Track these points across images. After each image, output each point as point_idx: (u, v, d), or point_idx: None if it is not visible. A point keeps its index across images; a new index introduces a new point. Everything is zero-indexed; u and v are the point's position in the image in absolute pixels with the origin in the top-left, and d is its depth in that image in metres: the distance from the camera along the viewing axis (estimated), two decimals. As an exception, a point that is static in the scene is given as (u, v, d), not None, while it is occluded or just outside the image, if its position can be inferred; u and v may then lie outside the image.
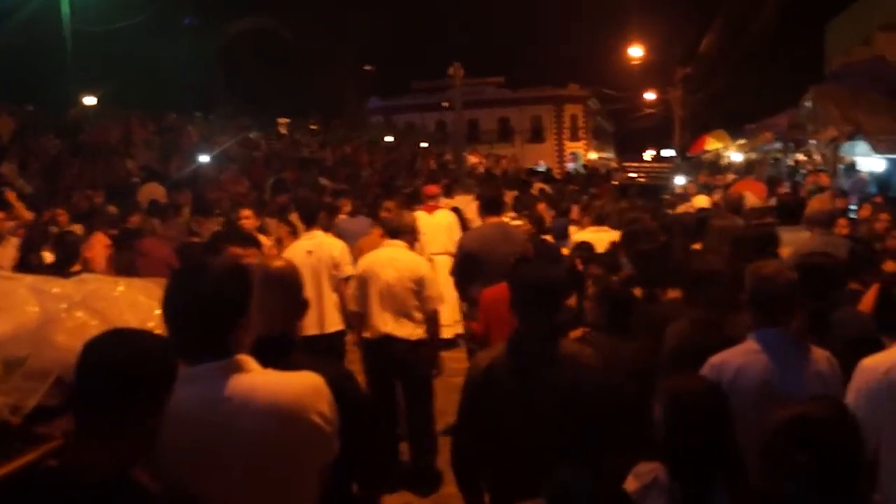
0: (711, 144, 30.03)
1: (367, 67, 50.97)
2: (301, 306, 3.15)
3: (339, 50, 44.46)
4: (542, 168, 44.12)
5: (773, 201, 12.44)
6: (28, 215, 10.50)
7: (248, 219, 8.91)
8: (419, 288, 6.62)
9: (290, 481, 2.47)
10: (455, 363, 7.61)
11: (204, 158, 19.45)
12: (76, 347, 2.22)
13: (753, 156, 25.36)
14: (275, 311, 2.86)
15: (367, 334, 6.71)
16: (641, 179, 19.81)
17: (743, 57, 33.12)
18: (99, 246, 8.90)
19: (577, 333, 5.24)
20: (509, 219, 9.22)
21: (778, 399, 3.19)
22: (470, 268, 7.28)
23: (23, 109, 18.17)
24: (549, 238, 10.30)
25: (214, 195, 14.74)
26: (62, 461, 2.26)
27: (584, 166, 45.09)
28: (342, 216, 11.24)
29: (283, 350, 2.84)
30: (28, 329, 2.78)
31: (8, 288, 3.00)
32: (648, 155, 61.45)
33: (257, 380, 2.45)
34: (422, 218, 8.90)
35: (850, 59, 16.29)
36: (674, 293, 5.22)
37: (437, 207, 11.29)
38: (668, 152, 54.74)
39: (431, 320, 6.73)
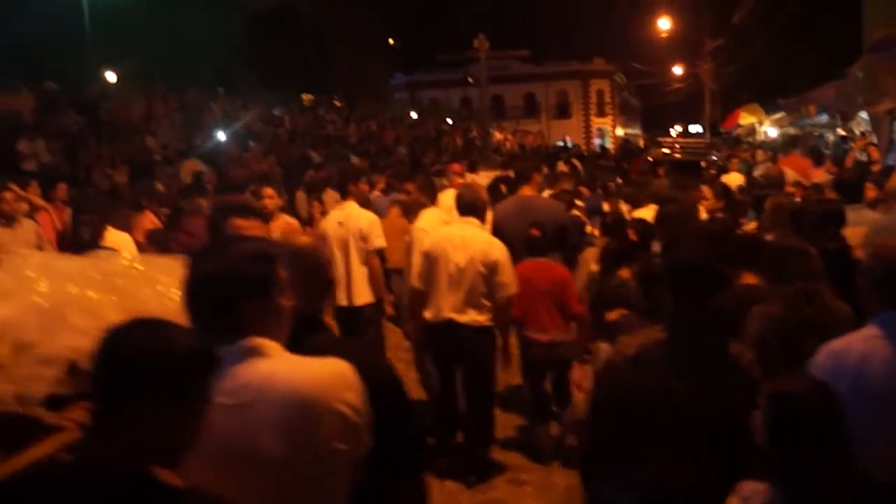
0: (745, 119, 29.24)
1: (391, 42, 50.55)
2: (325, 286, 3.04)
3: (363, 24, 43.94)
4: (568, 144, 43.65)
5: (819, 177, 11.97)
6: (41, 202, 10.15)
7: (271, 198, 8.42)
8: (491, 273, 6.16)
9: (317, 475, 2.27)
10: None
11: (226, 135, 19.16)
12: (90, 330, 2.16)
13: (791, 130, 24.63)
14: (297, 291, 2.62)
15: (428, 315, 6.28)
16: (677, 155, 19.21)
17: (777, 29, 32.26)
18: (150, 226, 8.63)
19: (612, 315, 4.93)
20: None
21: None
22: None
23: (43, 86, 17.81)
24: (580, 214, 9.97)
25: (239, 173, 14.40)
26: (77, 455, 2.11)
27: (625, 140, 44.47)
28: (375, 193, 10.90)
29: (307, 331, 2.63)
30: (38, 310, 2.60)
31: (17, 266, 2.81)
32: (674, 131, 60.70)
33: (277, 365, 2.28)
34: (449, 196, 8.54)
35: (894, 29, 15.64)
36: (749, 277, 4.62)
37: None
38: (695, 128, 54.10)
39: (502, 308, 6.26)
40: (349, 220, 7.47)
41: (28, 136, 14.23)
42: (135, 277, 2.88)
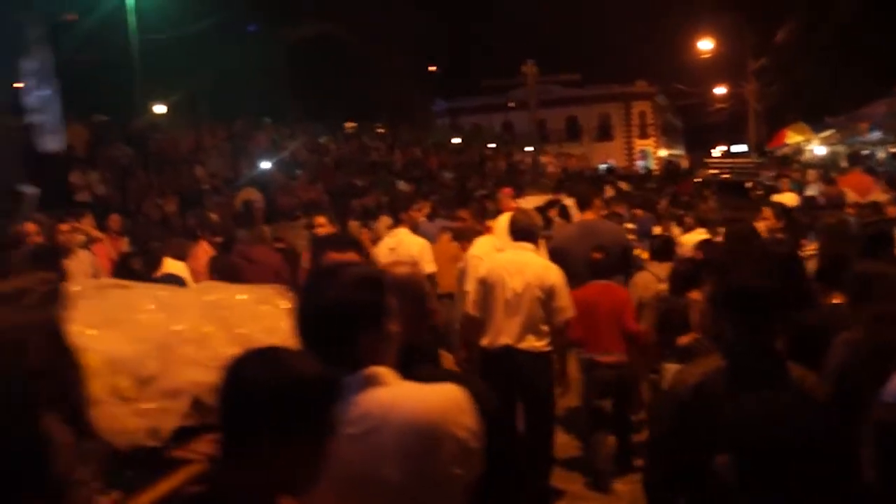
0: (792, 138, 28.94)
1: (432, 68, 50.75)
2: (427, 315, 2.99)
3: (403, 51, 44.19)
4: (611, 166, 43.39)
5: (876, 195, 11.69)
6: (97, 233, 10.26)
7: (322, 226, 8.46)
8: (548, 298, 6.11)
9: (433, 500, 2.29)
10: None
11: (270, 164, 19.31)
12: (204, 361, 2.23)
13: (840, 148, 24.26)
14: (401, 321, 2.61)
15: (485, 342, 6.23)
16: (725, 175, 19.04)
17: (821, 47, 31.88)
18: (204, 255, 8.63)
19: (684, 339, 4.88)
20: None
21: None
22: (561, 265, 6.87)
23: (94, 120, 18.14)
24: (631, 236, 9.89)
25: (286, 201, 14.48)
26: (205, 488, 2.12)
27: (668, 161, 44.12)
28: (421, 218, 10.89)
29: (413, 361, 2.61)
30: (153, 342, 2.63)
31: (126, 298, 2.85)
32: (718, 151, 60.12)
33: (397, 393, 2.30)
34: (503, 221, 8.44)
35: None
36: (837, 297, 4.45)
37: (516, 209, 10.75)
38: (738, 147, 53.47)
39: (559, 333, 6.20)
40: (400, 247, 7.55)
41: (80, 169, 14.46)
42: (237, 308, 2.89)
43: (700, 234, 7.99)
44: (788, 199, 13.76)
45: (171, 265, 7.44)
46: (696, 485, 3.13)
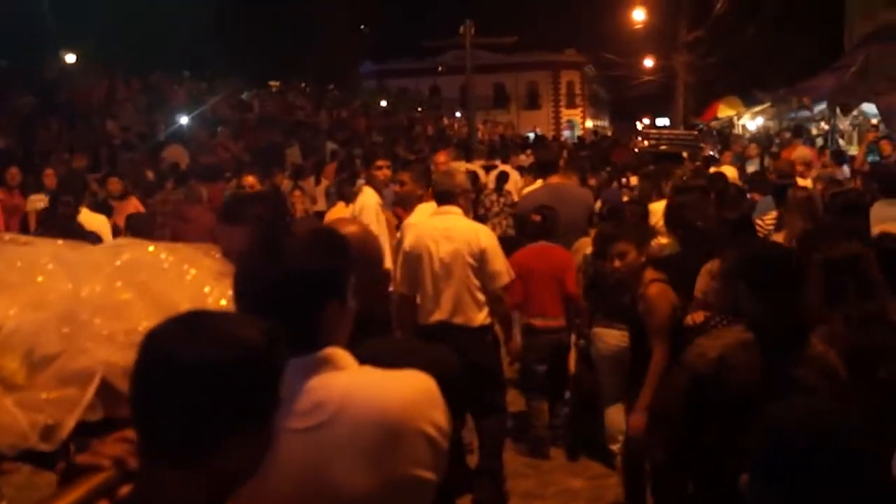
0: (724, 112, 29.07)
1: (363, 28, 50.06)
2: (381, 281, 2.83)
3: (334, 8, 43.29)
4: (538, 134, 43.17)
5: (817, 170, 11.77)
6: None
7: (252, 186, 7.72)
8: (481, 263, 5.56)
9: None
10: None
11: (189, 119, 18.60)
12: (119, 336, 1.96)
13: (772, 123, 24.31)
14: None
15: (420, 321, 5.69)
16: (663, 147, 18.79)
17: (762, 21, 32.02)
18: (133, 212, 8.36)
19: (698, 317, 4.52)
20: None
21: None
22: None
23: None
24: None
25: (208, 159, 13.71)
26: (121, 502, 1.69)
27: (594, 133, 44.51)
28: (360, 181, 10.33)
29: (360, 335, 2.21)
30: (58, 313, 2.13)
31: (27, 257, 2.31)
32: (640, 124, 60.95)
33: (355, 380, 1.95)
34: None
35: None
36: None
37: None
38: (663, 120, 54.13)
39: (498, 300, 5.68)
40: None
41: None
42: (160, 271, 2.39)
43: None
44: (729, 171, 13.68)
45: (89, 217, 6.69)
46: (707, 468, 3.16)
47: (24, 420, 1.98)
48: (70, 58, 23.61)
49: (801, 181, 9.32)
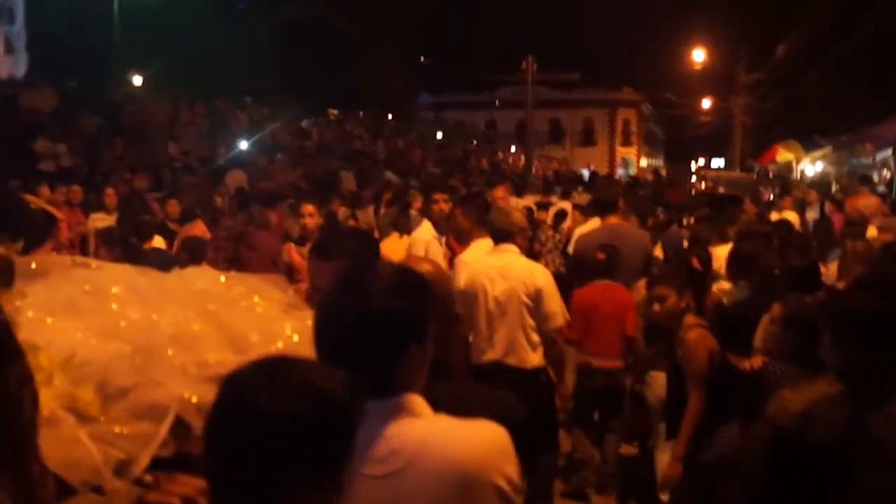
0: (782, 155, 28.51)
1: (422, 59, 50.31)
2: (454, 322, 2.68)
3: (394, 40, 43.60)
4: (593, 172, 43.00)
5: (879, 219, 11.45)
6: (50, 207, 9.56)
7: (311, 216, 7.69)
8: (536, 303, 5.43)
9: None
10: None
11: (249, 145, 18.75)
12: (191, 368, 1.92)
13: (832, 169, 23.88)
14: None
15: (473, 360, 5.52)
16: (721, 189, 18.50)
17: (827, 65, 31.60)
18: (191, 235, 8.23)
19: (755, 361, 4.43)
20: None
21: None
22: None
23: (65, 85, 17.32)
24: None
25: (267, 185, 13.81)
26: None
27: (654, 172, 44.40)
28: (413, 212, 10.26)
29: (436, 378, 2.16)
30: (131, 342, 2.05)
31: (96, 282, 2.24)
32: (695, 164, 60.50)
33: (430, 429, 1.95)
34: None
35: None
36: None
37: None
38: (718, 161, 53.58)
39: (552, 341, 5.54)
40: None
41: (47, 137, 13.71)
42: (230, 302, 2.34)
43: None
44: (791, 217, 13.41)
45: (160, 243, 6.82)
46: None
47: (98, 454, 1.87)
48: (137, 80, 24.10)
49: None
